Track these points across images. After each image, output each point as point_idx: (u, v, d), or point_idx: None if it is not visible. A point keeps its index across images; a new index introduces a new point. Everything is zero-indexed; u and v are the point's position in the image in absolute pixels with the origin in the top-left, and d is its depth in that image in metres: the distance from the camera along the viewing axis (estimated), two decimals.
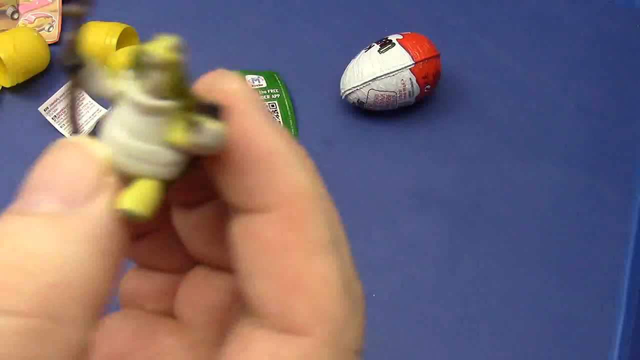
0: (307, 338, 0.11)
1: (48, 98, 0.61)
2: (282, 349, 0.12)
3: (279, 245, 0.12)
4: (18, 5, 0.69)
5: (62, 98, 0.62)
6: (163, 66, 0.12)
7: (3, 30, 0.67)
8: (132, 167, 0.13)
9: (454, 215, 0.59)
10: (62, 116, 0.62)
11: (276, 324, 0.12)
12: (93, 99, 0.63)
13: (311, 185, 0.12)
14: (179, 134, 0.13)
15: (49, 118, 0.61)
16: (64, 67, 0.13)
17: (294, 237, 0.12)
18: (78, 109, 0.14)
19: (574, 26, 0.71)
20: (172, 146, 0.13)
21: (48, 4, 0.69)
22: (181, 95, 0.13)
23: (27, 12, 0.69)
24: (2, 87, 0.64)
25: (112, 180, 0.12)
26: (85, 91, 0.14)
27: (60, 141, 0.13)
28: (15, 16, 0.69)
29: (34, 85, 0.64)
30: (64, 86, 0.62)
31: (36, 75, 0.64)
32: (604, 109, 0.66)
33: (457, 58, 0.67)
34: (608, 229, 0.59)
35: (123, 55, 0.60)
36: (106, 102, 0.63)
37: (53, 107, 0.62)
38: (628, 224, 0.59)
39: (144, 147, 0.13)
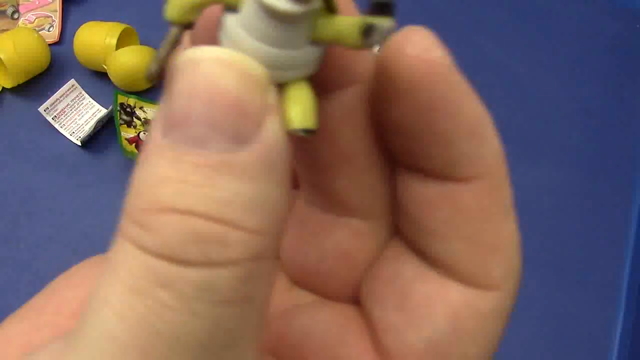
0: (500, 292, 0.13)
1: (48, 98, 0.61)
2: (479, 301, 0.13)
3: (479, 211, 0.12)
4: (18, 5, 0.69)
5: (62, 98, 0.62)
6: None
7: (3, 30, 0.67)
8: (282, 77, 0.12)
9: None
10: (62, 116, 0.62)
11: (471, 280, 0.13)
12: (93, 99, 0.64)
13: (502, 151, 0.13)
14: (353, 35, 0.11)
15: (49, 118, 0.61)
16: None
17: (493, 203, 0.13)
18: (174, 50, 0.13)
19: (574, 26, 0.71)
20: (318, 42, 0.12)
21: (48, 4, 0.69)
22: None
23: (27, 12, 0.69)
24: (3, 87, 0.64)
25: (273, 99, 0.11)
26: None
27: (202, 54, 0.11)
28: (16, 16, 0.69)
29: (34, 85, 0.64)
30: (65, 85, 0.62)
31: (36, 75, 0.64)
32: (604, 109, 0.66)
33: (457, 58, 0.67)
34: (608, 229, 0.59)
35: (123, 55, 0.60)
36: (106, 102, 0.63)
37: (53, 107, 0.62)
38: (628, 224, 0.59)
39: (293, 54, 0.12)
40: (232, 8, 0.12)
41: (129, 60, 0.60)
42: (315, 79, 0.13)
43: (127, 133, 0.59)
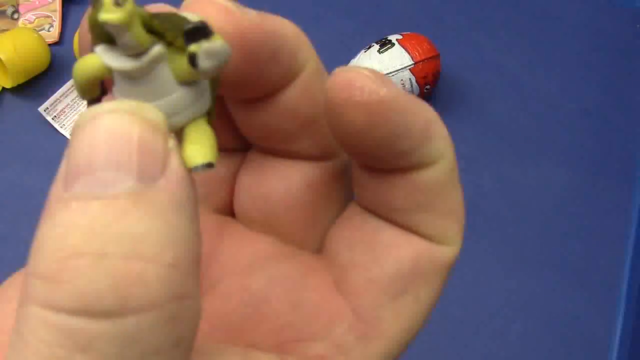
0: (453, 247, 0.15)
1: (48, 98, 0.61)
2: (437, 252, 0.14)
3: (435, 188, 0.14)
4: (18, 5, 0.69)
5: (62, 98, 0.62)
6: (119, 24, 0.11)
7: (3, 30, 0.67)
8: (172, 123, 0.12)
9: None
10: (62, 116, 0.62)
11: (430, 238, 0.14)
12: None
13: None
14: (184, 72, 0.12)
15: (49, 118, 0.61)
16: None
17: (447, 180, 0.14)
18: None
19: (574, 26, 0.71)
20: (187, 82, 0.12)
21: (48, 4, 0.69)
22: (158, 34, 0.12)
23: (27, 12, 0.69)
24: (2, 87, 0.64)
25: (173, 142, 0.11)
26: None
27: (99, 109, 0.11)
28: (16, 16, 0.69)
29: (34, 85, 0.64)
30: (65, 86, 0.62)
31: (36, 75, 0.64)
32: (604, 109, 0.66)
33: (457, 58, 0.67)
34: (608, 229, 0.59)
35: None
36: None
37: (53, 107, 0.62)
38: (628, 224, 0.59)
39: (170, 101, 0.12)
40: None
41: None
42: (272, 85, 0.14)
43: None
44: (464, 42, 0.69)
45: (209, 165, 0.12)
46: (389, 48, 0.59)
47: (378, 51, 0.60)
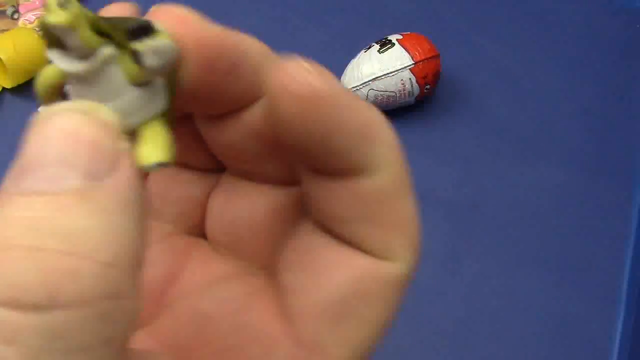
0: (400, 263, 0.14)
1: None
2: (380, 269, 0.14)
3: (378, 197, 0.13)
4: (18, 5, 0.69)
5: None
6: (64, 26, 0.11)
7: (3, 30, 0.67)
8: (126, 124, 0.12)
9: (453, 216, 0.59)
10: None
11: (374, 253, 0.14)
12: None
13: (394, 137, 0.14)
14: (132, 72, 0.12)
15: None
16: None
17: (392, 188, 0.14)
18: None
19: (574, 26, 0.71)
20: (139, 83, 0.12)
21: None
22: (107, 36, 0.12)
23: (27, 12, 0.69)
24: (2, 87, 0.64)
25: (125, 143, 0.11)
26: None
27: (53, 109, 0.11)
28: (16, 16, 0.69)
29: (34, 85, 0.64)
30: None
31: (36, 74, 0.64)
32: (604, 109, 0.66)
33: (457, 58, 0.67)
34: (608, 229, 0.59)
35: None
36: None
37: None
38: (628, 224, 0.59)
39: (121, 102, 0.12)
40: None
41: None
42: (236, 102, 0.14)
43: None
44: (464, 42, 0.69)
45: (163, 165, 0.12)
46: (389, 48, 0.59)
47: (378, 51, 0.60)
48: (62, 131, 0.11)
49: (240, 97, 0.14)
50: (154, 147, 0.12)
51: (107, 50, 0.12)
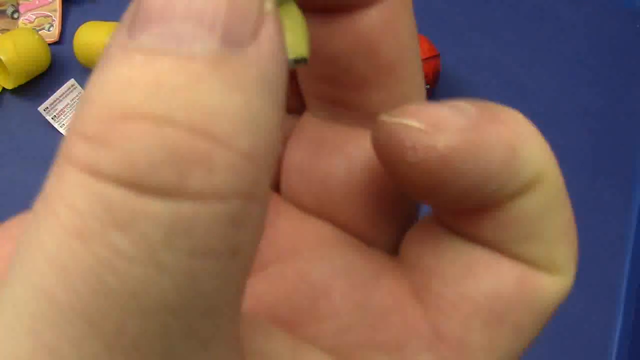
0: (566, 277, 0.12)
1: (48, 98, 0.61)
2: (543, 281, 0.12)
3: (537, 215, 0.12)
4: (18, 4, 0.69)
5: (62, 97, 0.62)
6: None
7: (3, 30, 0.67)
8: None
9: None
10: (62, 116, 0.62)
11: (538, 266, 0.12)
12: None
13: None
14: None
15: (48, 118, 0.61)
16: None
17: (555, 198, 0.12)
18: None
19: (574, 26, 0.71)
20: None
21: (48, 4, 0.69)
22: None
23: (27, 11, 0.69)
24: (3, 87, 0.64)
25: (270, 8, 0.09)
26: None
27: None
28: (16, 15, 0.69)
29: (34, 85, 0.64)
30: (65, 85, 0.62)
31: (36, 75, 0.64)
32: (604, 109, 0.66)
33: (457, 58, 0.67)
34: (607, 229, 0.59)
35: None
36: None
37: (53, 107, 0.62)
38: (628, 224, 0.59)
39: None
40: None
41: None
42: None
43: None
44: (464, 42, 0.69)
45: (302, 61, 0.10)
46: None
47: None
48: None
49: None
50: (293, 36, 0.10)
51: None
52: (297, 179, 0.13)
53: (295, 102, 0.14)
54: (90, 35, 0.62)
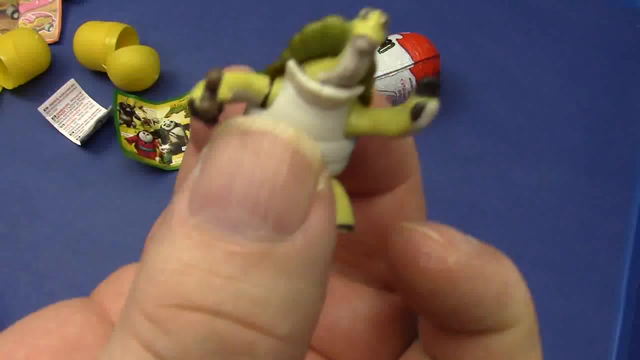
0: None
1: (48, 98, 0.61)
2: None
3: (511, 353, 0.13)
4: (18, 4, 0.69)
5: (62, 97, 0.62)
6: (377, 45, 0.10)
7: (3, 30, 0.67)
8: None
9: (453, 216, 0.59)
10: (62, 116, 0.62)
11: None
12: (92, 98, 0.64)
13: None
14: (397, 121, 0.11)
15: (48, 118, 0.61)
16: (195, 111, 0.10)
17: (528, 340, 0.13)
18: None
19: (574, 26, 0.71)
20: (351, 136, 0.11)
21: (48, 4, 0.69)
22: (367, 77, 0.11)
23: (27, 11, 0.69)
24: (3, 87, 0.64)
25: (324, 186, 0.10)
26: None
27: (252, 125, 0.09)
28: (16, 15, 0.69)
29: (34, 85, 0.64)
30: (65, 85, 0.62)
31: (36, 75, 0.64)
32: (604, 109, 0.66)
33: (457, 58, 0.67)
34: (607, 229, 0.59)
35: (123, 55, 0.60)
36: (106, 102, 0.63)
37: (53, 107, 0.62)
38: (628, 224, 0.59)
39: (330, 146, 0.11)
40: (259, 104, 0.11)
41: (128, 60, 0.60)
42: (370, 181, 0.13)
43: (126, 133, 0.59)
44: (464, 42, 0.69)
45: (349, 227, 0.11)
46: (389, 48, 0.59)
47: (378, 51, 0.60)
48: (258, 162, 0.09)
49: (383, 177, 0.13)
50: (341, 205, 0.11)
51: (360, 89, 0.11)
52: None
53: None
54: (90, 35, 0.62)
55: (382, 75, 0.58)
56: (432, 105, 0.11)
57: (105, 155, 0.61)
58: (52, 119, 0.61)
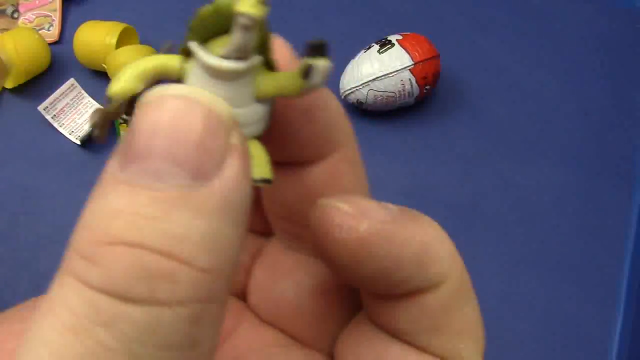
0: None
1: (47, 97, 0.61)
2: None
3: (442, 310, 0.13)
4: (18, 4, 0.69)
5: (61, 97, 0.62)
6: (257, 20, 0.11)
7: (3, 29, 0.67)
8: None
9: (453, 216, 0.59)
10: (62, 115, 0.62)
11: (444, 358, 0.13)
12: (92, 98, 0.63)
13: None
14: (294, 81, 0.12)
15: (48, 117, 0.61)
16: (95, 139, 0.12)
17: (459, 295, 0.14)
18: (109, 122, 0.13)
19: (574, 26, 0.71)
20: (264, 99, 0.12)
21: (48, 3, 0.69)
22: (264, 46, 0.12)
23: (27, 11, 0.69)
24: (3, 87, 0.64)
25: (237, 139, 0.11)
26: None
27: (167, 91, 0.11)
28: (15, 15, 0.69)
29: (34, 84, 0.64)
30: (65, 85, 0.62)
31: (36, 74, 0.64)
32: (604, 109, 0.66)
33: (457, 58, 0.67)
34: (607, 229, 0.59)
35: (123, 54, 0.60)
36: (105, 100, 0.63)
37: (52, 106, 0.62)
38: (628, 224, 0.59)
39: (241, 112, 0.12)
40: (175, 81, 0.12)
41: (128, 60, 0.60)
42: (298, 150, 0.14)
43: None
44: (464, 42, 0.69)
45: (267, 181, 0.12)
46: (389, 48, 0.59)
47: (378, 51, 0.60)
48: (175, 120, 0.10)
49: (308, 146, 0.14)
50: (258, 162, 0.12)
51: (258, 58, 0.12)
52: (257, 296, 0.16)
53: (267, 226, 0.16)
54: (90, 35, 0.62)
55: (382, 76, 0.58)
56: (320, 64, 0.12)
57: (105, 155, 0.61)
58: (52, 118, 0.61)
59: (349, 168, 0.15)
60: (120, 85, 0.12)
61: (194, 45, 0.12)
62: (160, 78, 0.12)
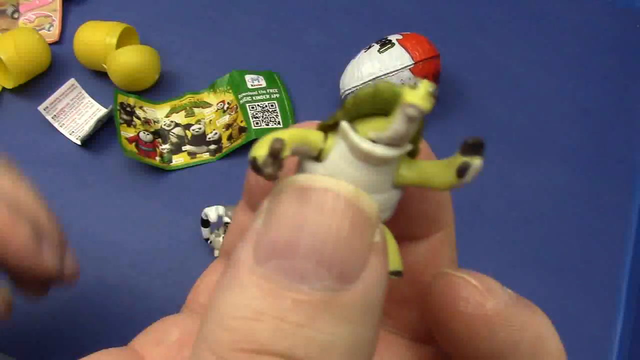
0: None
1: (48, 97, 0.61)
2: None
3: None
4: (18, 4, 0.69)
5: (61, 97, 0.62)
6: (425, 113, 0.11)
7: (3, 30, 0.67)
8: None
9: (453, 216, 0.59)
10: (62, 115, 0.62)
11: None
12: (93, 98, 0.64)
13: None
14: (443, 176, 0.12)
15: (48, 117, 0.61)
16: (257, 170, 0.11)
17: None
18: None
19: (574, 26, 0.71)
20: (400, 187, 0.12)
21: (48, 3, 0.69)
22: (416, 135, 0.12)
23: (27, 11, 0.69)
24: (3, 87, 0.64)
25: (379, 237, 0.11)
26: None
27: (313, 182, 0.10)
28: (16, 15, 0.69)
29: (34, 84, 0.64)
30: (65, 85, 0.62)
31: (36, 74, 0.64)
32: (604, 109, 0.66)
33: (457, 58, 0.67)
34: (608, 229, 0.59)
35: (123, 54, 0.60)
36: (106, 101, 0.63)
37: (53, 107, 0.62)
38: (628, 224, 0.59)
39: (379, 198, 0.12)
40: (313, 158, 0.12)
41: (129, 60, 0.60)
42: (407, 226, 0.14)
43: (127, 132, 0.59)
44: (464, 42, 0.69)
45: (398, 273, 0.12)
46: (389, 48, 0.59)
47: (378, 51, 0.60)
48: (321, 217, 0.10)
49: (419, 224, 0.14)
50: (391, 252, 0.12)
51: (410, 147, 0.12)
52: None
53: None
54: (90, 35, 0.62)
55: (381, 75, 0.58)
56: (476, 163, 0.12)
57: (106, 155, 0.61)
58: (52, 118, 0.61)
59: (448, 249, 0.14)
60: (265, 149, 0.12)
61: (346, 126, 0.12)
62: (303, 150, 0.12)
